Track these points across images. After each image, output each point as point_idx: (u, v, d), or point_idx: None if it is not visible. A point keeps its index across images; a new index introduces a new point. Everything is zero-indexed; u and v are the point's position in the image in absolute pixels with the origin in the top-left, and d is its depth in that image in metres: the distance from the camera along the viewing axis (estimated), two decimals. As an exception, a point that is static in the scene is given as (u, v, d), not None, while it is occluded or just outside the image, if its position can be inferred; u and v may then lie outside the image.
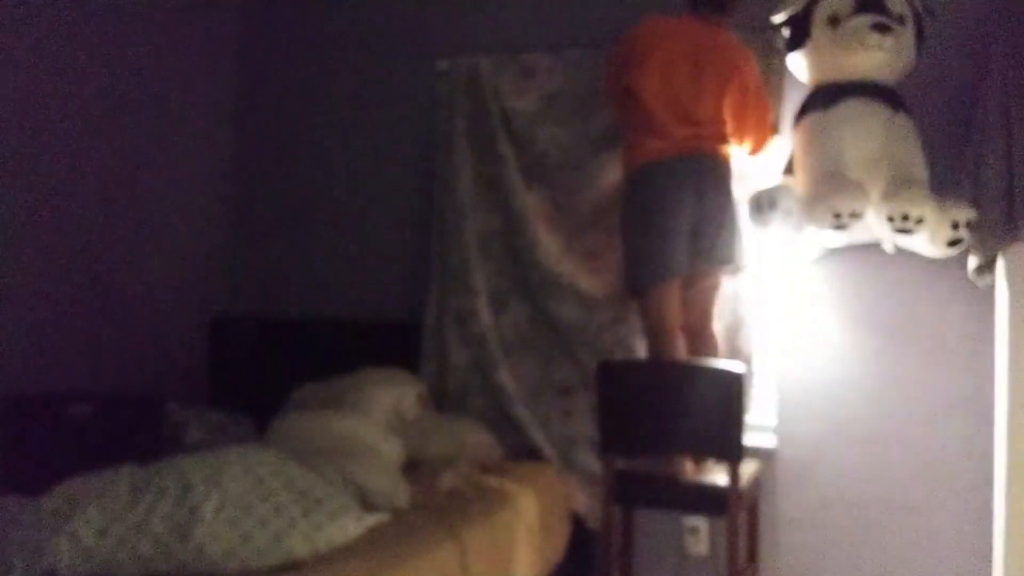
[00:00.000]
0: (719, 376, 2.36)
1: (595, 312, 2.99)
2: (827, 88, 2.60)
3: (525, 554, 2.44)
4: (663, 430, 2.40)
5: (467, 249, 3.15)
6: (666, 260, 2.61)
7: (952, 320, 2.75)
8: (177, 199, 3.44)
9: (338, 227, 3.54)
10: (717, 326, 2.81)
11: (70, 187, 2.98)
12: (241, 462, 1.97)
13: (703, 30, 2.69)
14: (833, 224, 2.39)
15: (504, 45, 3.27)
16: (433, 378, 3.17)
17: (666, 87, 2.63)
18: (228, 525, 1.80)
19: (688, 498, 2.50)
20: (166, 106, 3.38)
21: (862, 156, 2.49)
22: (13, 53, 2.77)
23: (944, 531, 2.72)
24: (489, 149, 3.19)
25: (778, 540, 2.86)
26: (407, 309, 3.34)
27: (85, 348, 3.01)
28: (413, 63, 3.44)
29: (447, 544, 2.05)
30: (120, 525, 1.78)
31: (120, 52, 3.16)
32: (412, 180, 3.43)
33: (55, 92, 2.92)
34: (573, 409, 2.99)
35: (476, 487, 2.54)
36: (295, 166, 3.64)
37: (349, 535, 1.94)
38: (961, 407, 2.72)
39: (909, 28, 2.55)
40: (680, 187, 2.61)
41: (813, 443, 2.85)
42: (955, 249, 2.45)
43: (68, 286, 2.96)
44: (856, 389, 2.83)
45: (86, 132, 3.04)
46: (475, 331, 3.11)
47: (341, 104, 3.58)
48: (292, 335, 3.48)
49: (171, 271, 3.42)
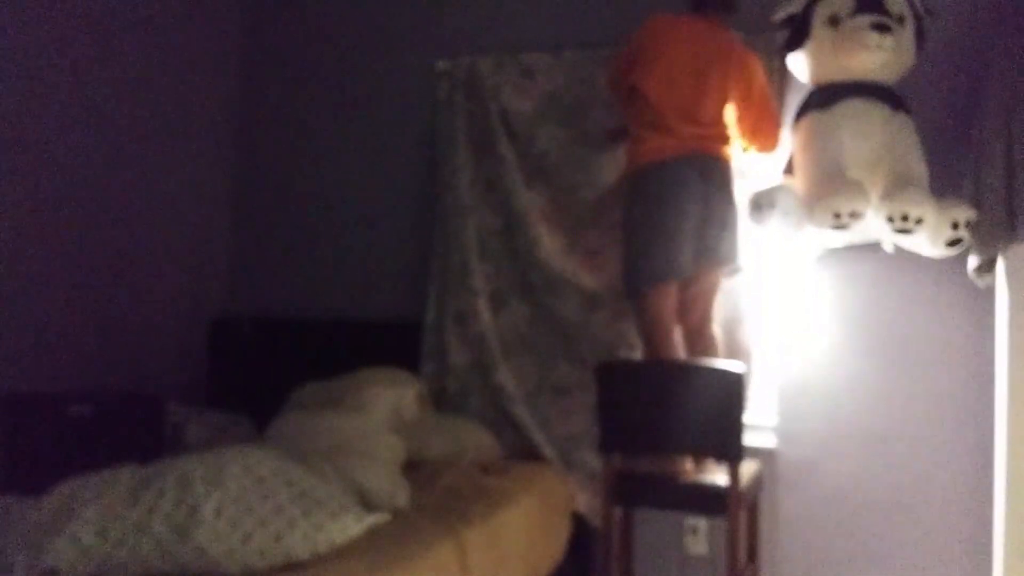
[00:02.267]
0: (719, 376, 2.36)
1: (598, 309, 2.99)
2: (827, 88, 2.60)
3: (525, 554, 2.44)
4: (663, 430, 2.40)
5: (467, 249, 3.15)
6: (670, 261, 2.60)
7: (952, 320, 2.75)
8: (177, 199, 3.44)
9: (338, 227, 3.54)
10: (716, 325, 2.81)
11: (70, 187, 2.98)
12: (241, 462, 1.97)
13: (709, 31, 2.69)
14: (833, 224, 2.39)
15: (504, 45, 3.27)
16: (433, 378, 3.17)
17: (671, 87, 2.63)
18: (228, 525, 1.80)
19: (688, 498, 2.50)
20: (167, 106, 3.38)
21: (862, 156, 2.49)
22: (13, 52, 2.78)
23: (944, 531, 2.72)
24: (489, 149, 3.19)
25: (778, 540, 2.86)
26: (407, 309, 3.34)
27: (85, 348, 3.01)
28: (413, 63, 3.44)
29: (447, 544, 2.05)
30: (120, 525, 1.78)
31: (121, 53, 3.16)
32: (412, 180, 3.44)
33: (56, 92, 2.92)
34: (574, 407, 2.99)
35: (476, 487, 2.54)
36: (295, 166, 3.64)
37: (349, 535, 1.94)
38: (961, 407, 2.72)
39: (909, 28, 2.55)
40: (685, 188, 2.61)
41: (813, 443, 2.86)
42: (955, 249, 2.45)
43: (68, 286, 2.96)
44: (856, 389, 2.83)
45: (87, 132, 3.04)
46: (475, 331, 3.11)
47: (341, 104, 3.58)
48: (292, 335, 3.48)
49: (171, 271, 3.42)
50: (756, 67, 2.75)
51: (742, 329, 2.89)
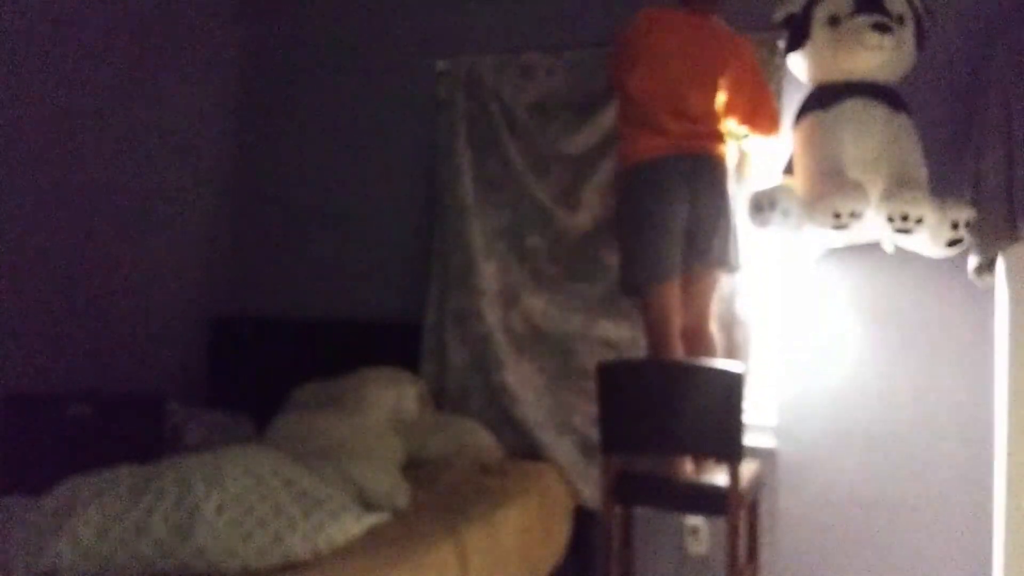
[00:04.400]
0: (719, 376, 2.36)
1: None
2: (827, 88, 2.59)
3: (525, 554, 2.44)
4: (663, 430, 2.40)
5: (471, 249, 3.15)
6: (662, 261, 2.59)
7: (952, 320, 2.75)
8: (177, 199, 3.44)
9: (338, 227, 3.54)
10: (715, 325, 2.81)
11: (71, 187, 2.98)
12: (241, 462, 1.97)
13: (695, 22, 2.68)
14: (833, 224, 2.39)
15: (504, 45, 3.27)
16: (433, 378, 3.17)
17: (659, 82, 2.61)
18: (228, 525, 1.80)
19: (688, 498, 2.50)
20: (167, 106, 3.38)
21: (862, 156, 2.49)
22: (13, 52, 2.77)
23: (944, 531, 2.72)
24: (490, 149, 3.19)
25: (778, 540, 2.86)
26: (407, 309, 3.34)
27: (85, 348, 3.01)
28: (413, 63, 3.44)
29: (447, 544, 2.05)
30: (120, 525, 1.78)
31: (121, 53, 3.16)
32: (412, 180, 3.44)
33: (56, 92, 2.92)
34: (589, 399, 2.97)
35: (476, 487, 2.54)
36: (295, 166, 3.64)
37: (349, 535, 1.94)
38: (961, 407, 2.72)
39: (909, 28, 2.55)
40: (674, 188, 2.59)
41: (813, 443, 2.86)
42: (955, 249, 2.45)
43: (68, 286, 2.96)
44: (856, 389, 2.83)
45: (87, 132, 3.04)
46: (478, 331, 3.11)
47: (341, 104, 3.58)
48: (292, 335, 3.48)
49: (171, 271, 3.42)
50: (748, 50, 2.73)
51: (741, 329, 2.88)
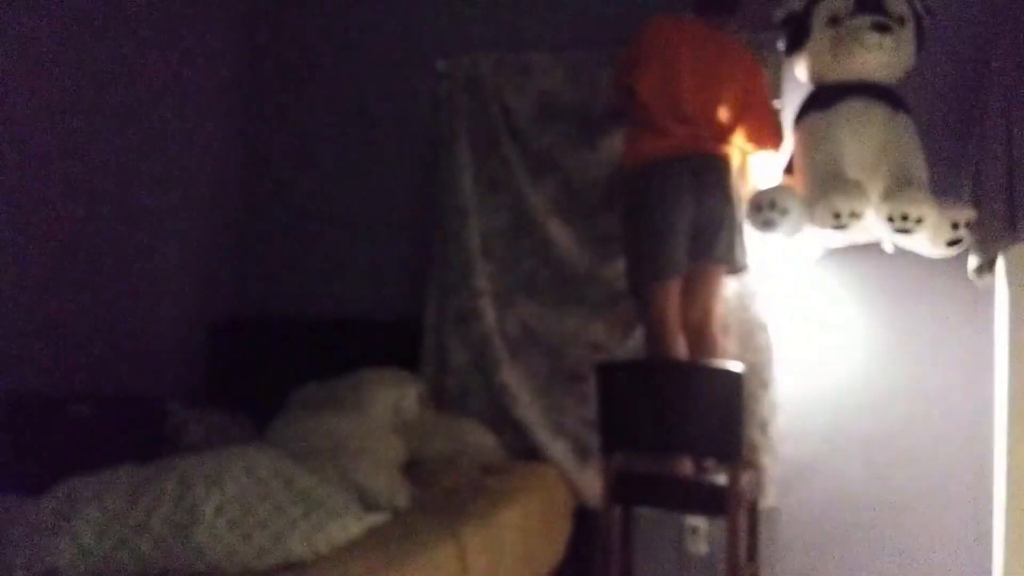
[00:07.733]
0: (719, 376, 2.36)
1: (617, 297, 2.96)
2: (827, 88, 2.60)
3: (525, 554, 2.44)
4: (663, 430, 2.40)
5: (470, 249, 3.15)
6: (665, 259, 2.60)
7: (952, 320, 2.75)
8: (178, 199, 3.44)
9: (339, 227, 3.54)
10: (718, 326, 2.81)
11: (71, 187, 2.97)
12: (241, 462, 1.97)
13: (710, 34, 2.70)
14: (833, 224, 2.39)
15: (504, 45, 3.27)
16: (433, 378, 3.17)
17: (668, 88, 2.63)
18: (228, 525, 1.80)
19: (688, 498, 2.50)
20: (168, 107, 3.37)
21: (862, 156, 2.49)
22: (13, 51, 2.77)
23: (944, 531, 2.72)
24: (491, 149, 3.19)
25: (778, 540, 2.86)
26: (407, 309, 3.34)
27: (85, 348, 3.00)
28: (413, 63, 3.44)
29: (447, 544, 2.05)
30: (120, 525, 1.78)
31: (123, 53, 3.16)
32: (412, 180, 3.43)
33: (56, 91, 2.92)
34: (581, 402, 2.98)
35: (476, 487, 2.54)
36: (296, 167, 3.64)
37: (349, 535, 1.94)
38: (961, 407, 2.72)
39: (909, 28, 2.55)
40: (678, 187, 2.61)
41: (813, 443, 2.85)
42: (955, 249, 2.45)
43: (68, 286, 2.96)
44: (856, 389, 2.83)
45: (88, 131, 3.04)
46: (477, 331, 3.11)
47: (342, 104, 3.57)
48: (292, 335, 3.47)
49: (171, 271, 3.42)
50: (758, 71, 2.76)
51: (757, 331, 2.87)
